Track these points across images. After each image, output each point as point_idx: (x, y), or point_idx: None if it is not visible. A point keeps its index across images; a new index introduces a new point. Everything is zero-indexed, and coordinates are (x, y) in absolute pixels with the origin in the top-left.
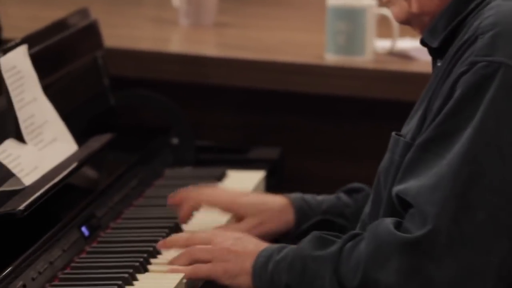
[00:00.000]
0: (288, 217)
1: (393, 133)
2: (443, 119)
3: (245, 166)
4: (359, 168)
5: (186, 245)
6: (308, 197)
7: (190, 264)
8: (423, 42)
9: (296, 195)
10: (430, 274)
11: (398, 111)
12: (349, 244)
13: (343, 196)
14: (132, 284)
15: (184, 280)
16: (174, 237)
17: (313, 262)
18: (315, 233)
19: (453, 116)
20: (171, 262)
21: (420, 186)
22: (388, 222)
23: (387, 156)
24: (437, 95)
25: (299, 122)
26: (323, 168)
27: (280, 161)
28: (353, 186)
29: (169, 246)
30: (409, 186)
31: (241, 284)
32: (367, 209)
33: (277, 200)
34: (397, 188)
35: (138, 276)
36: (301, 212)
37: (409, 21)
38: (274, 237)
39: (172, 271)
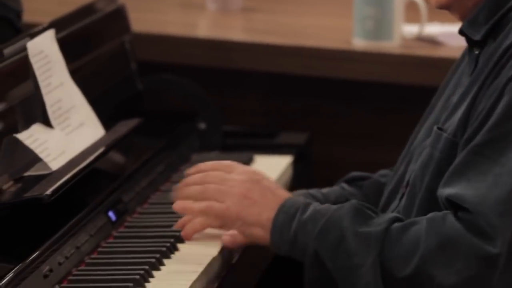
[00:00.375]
0: None
1: (435, 128)
2: (495, 123)
3: (272, 151)
4: (386, 153)
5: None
6: (313, 191)
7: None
8: (461, 32)
9: (301, 191)
10: (493, 282)
11: (426, 97)
12: (395, 226)
13: (346, 186)
14: (159, 269)
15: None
16: (188, 180)
17: (353, 237)
18: (354, 203)
19: (506, 119)
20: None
21: (480, 196)
22: (454, 220)
23: (427, 152)
24: (483, 95)
25: (326, 107)
26: (350, 153)
27: (308, 146)
28: (353, 175)
29: (184, 196)
30: (464, 192)
31: (257, 236)
32: (395, 202)
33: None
34: (447, 191)
35: (165, 261)
36: None
37: (449, 6)
38: None
39: (183, 209)
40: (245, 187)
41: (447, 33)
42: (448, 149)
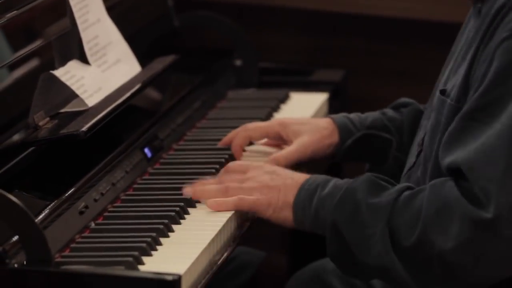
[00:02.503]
0: (333, 135)
1: (438, 93)
2: (487, 87)
3: (308, 88)
4: (420, 90)
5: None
6: (352, 115)
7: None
8: None
9: (340, 114)
10: (487, 249)
11: None
12: (404, 195)
13: (390, 111)
14: (194, 206)
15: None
16: (205, 181)
17: (366, 209)
18: (368, 176)
19: (497, 84)
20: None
21: (473, 160)
22: (453, 186)
23: (433, 116)
24: (479, 58)
25: (362, 44)
26: (385, 90)
27: (343, 83)
28: (401, 101)
29: (201, 192)
30: (459, 158)
31: (285, 218)
32: (411, 159)
33: (322, 120)
34: (447, 160)
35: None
36: (345, 129)
37: None
38: (324, 156)
39: (218, 205)
40: (265, 179)
41: None
42: (452, 115)
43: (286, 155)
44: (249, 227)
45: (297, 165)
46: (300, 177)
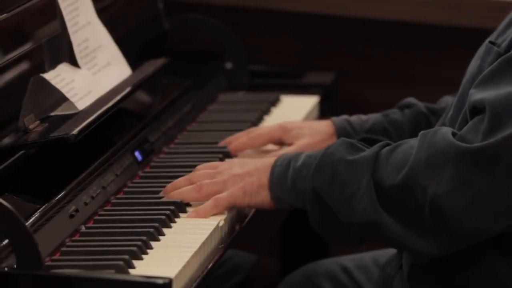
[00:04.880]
0: (332, 139)
1: (487, 41)
2: None
3: (299, 91)
4: (413, 93)
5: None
6: (353, 117)
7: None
8: None
9: (340, 117)
10: (482, 190)
11: (452, 36)
12: (385, 149)
13: (394, 112)
14: (185, 211)
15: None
16: (175, 182)
17: (346, 167)
18: (343, 139)
19: None
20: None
21: (498, 94)
22: (446, 131)
23: (475, 63)
24: None
25: (353, 47)
26: (377, 93)
27: (334, 86)
28: (406, 102)
29: (175, 194)
30: (487, 96)
31: (263, 200)
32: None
33: (322, 124)
34: (476, 96)
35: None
36: (344, 132)
37: None
38: None
39: (198, 213)
40: (235, 169)
41: None
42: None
43: None
44: (239, 230)
45: None
46: (269, 159)
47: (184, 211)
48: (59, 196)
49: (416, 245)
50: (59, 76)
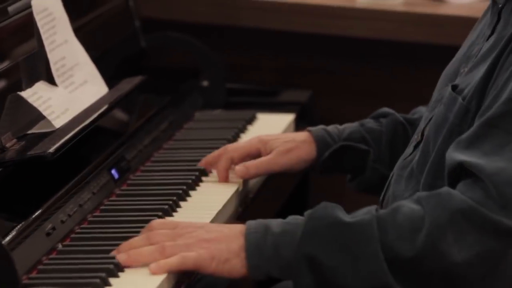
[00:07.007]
0: (310, 147)
1: (450, 87)
2: (511, 95)
3: (275, 109)
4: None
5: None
6: (330, 127)
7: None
8: None
9: (318, 127)
10: (504, 261)
11: (429, 54)
12: (383, 212)
13: (370, 122)
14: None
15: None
16: (133, 241)
17: (348, 229)
18: (325, 203)
19: None
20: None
21: (498, 168)
22: (461, 195)
23: (441, 111)
24: (501, 65)
25: (330, 65)
26: (353, 110)
27: (310, 104)
28: (381, 111)
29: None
30: (480, 162)
31: (232, 268)
32: (409, 150)
33: (300, 134)
34: (461, 157)
35: (167, 219)
36: (322, 141)
37: None
38: (301, 168)
39: (160, 267)
40: (199, 233)
41: None
42: (462, 115)
43: (257, 164)
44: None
45: (267, 178)
46: (235, 225)
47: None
48: (36, 214)
49: None
50: (36, 94)
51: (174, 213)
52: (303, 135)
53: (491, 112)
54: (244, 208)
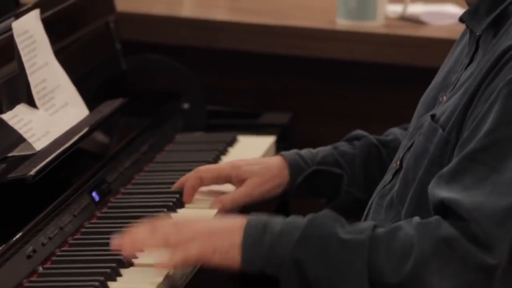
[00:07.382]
0: (284, 173)
1: (430, 119)
2: (490, 128)
3: (256, 131)
4: (370, 132)
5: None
6: (304, 151)
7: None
8: (462, 20)
9: (290, 151)
10: None
11: (409, 76)
12: (380, 232)
13: (343, 145)
14: (142, 250)
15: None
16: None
17: (340, 245)
18: (327, 211)
19: (502, 125)
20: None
21: (477, 203)
22: (449, 226)
23: (421, 141)
24: (480, 96)
25: (310, 87)
26: (334, 132)
27: (291, 126)
28: (354, 134)
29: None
30: (460, 198)
31: (232, 260)
32: (388, 177)
33: (273, 159)
34: (442, 194)
35: None
36: (295, 166)
37: None
38: (276, 194)
39: (165, 265)
40: (203, 226)
41: (431, 13)
42: (442, 146)
43: (232, 198)
44: (198, 270)
45: (243, 207)
46: (237, 219)
47: (142, 250)
48: (16, 237)
49: None
50: (17, 117)
51: None
52: (276, 160)
53: (471, 146)
54: None
